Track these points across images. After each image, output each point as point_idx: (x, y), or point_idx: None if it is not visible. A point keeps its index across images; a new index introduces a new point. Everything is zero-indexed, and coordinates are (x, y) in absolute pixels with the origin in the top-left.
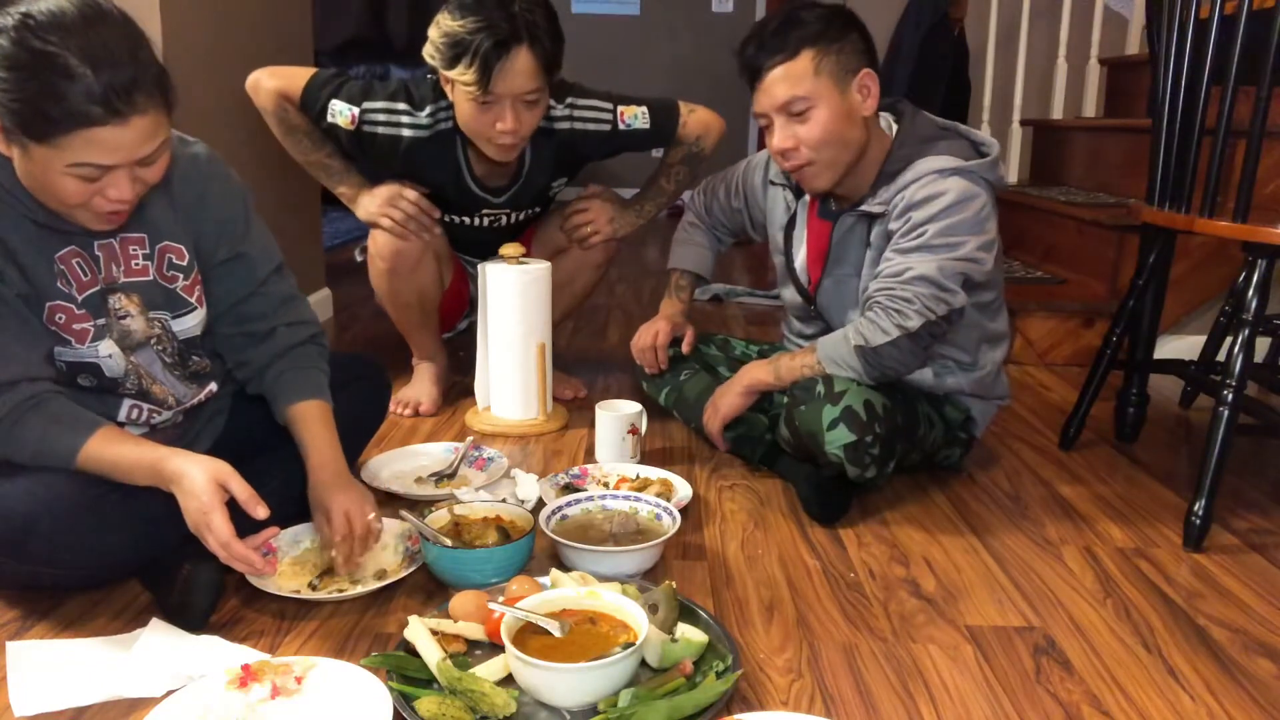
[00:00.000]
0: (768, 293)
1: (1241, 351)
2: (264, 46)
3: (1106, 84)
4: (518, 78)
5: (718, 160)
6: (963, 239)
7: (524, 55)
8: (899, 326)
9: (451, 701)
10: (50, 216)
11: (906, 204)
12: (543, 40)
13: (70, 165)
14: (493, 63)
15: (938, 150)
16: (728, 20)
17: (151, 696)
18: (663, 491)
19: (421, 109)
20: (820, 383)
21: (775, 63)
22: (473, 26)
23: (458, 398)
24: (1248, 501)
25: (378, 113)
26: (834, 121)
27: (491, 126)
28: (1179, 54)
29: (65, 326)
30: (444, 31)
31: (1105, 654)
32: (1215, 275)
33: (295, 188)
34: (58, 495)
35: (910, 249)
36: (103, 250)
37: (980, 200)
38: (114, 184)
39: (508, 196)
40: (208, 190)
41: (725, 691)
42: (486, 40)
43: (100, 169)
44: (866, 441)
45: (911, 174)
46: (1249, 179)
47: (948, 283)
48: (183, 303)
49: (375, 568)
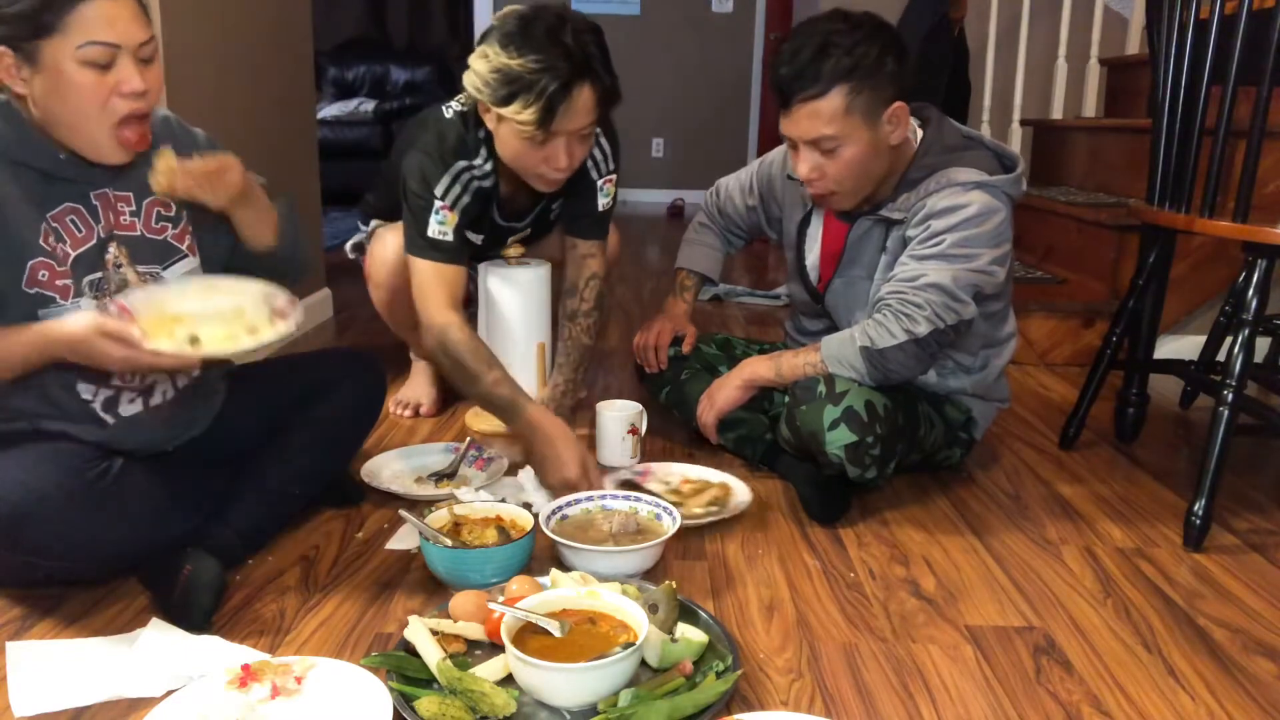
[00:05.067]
0: (768, 293)
1: (1241, 351)
2: (264, 46)
3: (1106, 84)
4: (578, 116)
5: (722, 164)
6: (979, 251)
7: (586, 93)
8: (907, 331)
9: (451, 701)
10: (56, 161)
11: (928, 212)
12: (602, 76)
13: (80, 47)
14: (557, 104)
15: (963, 161)
16: (728, 20)
17: (151, 696)
18: (720, 496)
19: (476, 154)
20: (821, 383)
21: (806, 97)
22: (534, 67)
23: (458, 398)
24: (1248, 501)
25: (452, 188)
26: (861, 157)
27: (543, 163)
28: (1179, 54)
29: (48, 284)
30: (496, 67)
31: (1105, 654)
32: (1215, 275)
33: (295, 188)
34: (51, 485)
35: (926, 256)
36: (99, 199)
37: (1000, 215)
38: (124, 76)
39: (530, 219)
40: (183, 144)
41: (725, 691)
42: (551, 83)
43: (108, 49)
44: (868, 442)
45: (935, 183)
46: (1249, 179)
47: (960, 293)
48: (174, 250)
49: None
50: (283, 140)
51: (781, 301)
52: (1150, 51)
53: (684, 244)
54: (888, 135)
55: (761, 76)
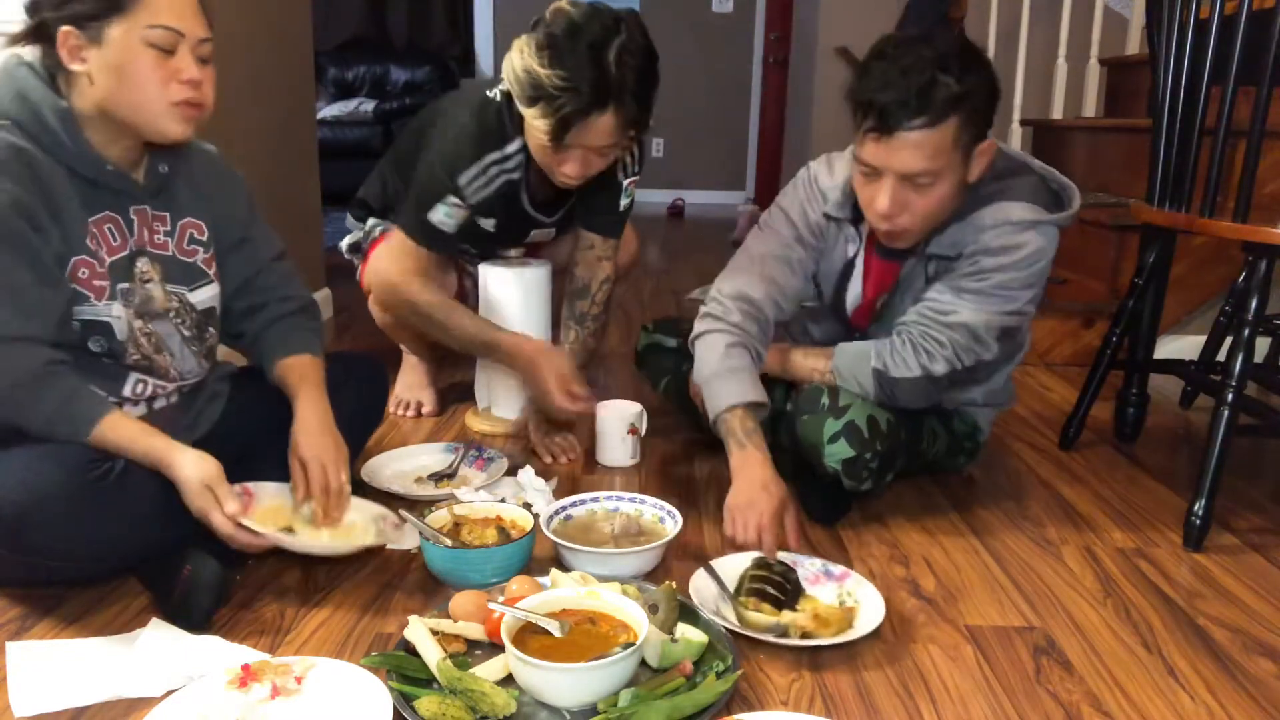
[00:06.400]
0: None
1: (1241, 351)
2: (264, 46)
3: (1106, 84)
4: (595, 136)
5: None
6: (1018, 293)
7: (606, 120)
8: (923, 368)
9: (451, 701)
10: (103, 172)
11: (980, 248)
12: (630, 104)
13: (149, 28)
14: (572, 125)
15: (1014, 192)
16: (728, 20)
17: (151, 696)
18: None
19: (511, 141)
20: (825, 393)
21: (915, 126)
22: (558, 83)
23: (458, 398)
24: (1248, 501)
25: (475, 181)
26: (950, 195)
27: (559, 166)
28: (1179, 54)
29: (86, 282)
30: (527, 68)
31: (1105, 654)
32: (1215, 275)
33: (295, 188)
34: (53, 485)
35: (965, 290)
36: (137, 215)
37: (1049, 257)
38: (183, 65)
39: (559, 215)
40: (222, 180)
41: (725, 691)
42: (569, 104)
43: (173, 35)
44: (866, 458)
45: (989, 218)
46: (1249, 179)
47: (986, 336)
48: (200, 274)
49: (351, 547)
50: (283, 140)
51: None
52: (1150, 51)
53: (710, 381)
54: (971, 171)
55: (762, 76)
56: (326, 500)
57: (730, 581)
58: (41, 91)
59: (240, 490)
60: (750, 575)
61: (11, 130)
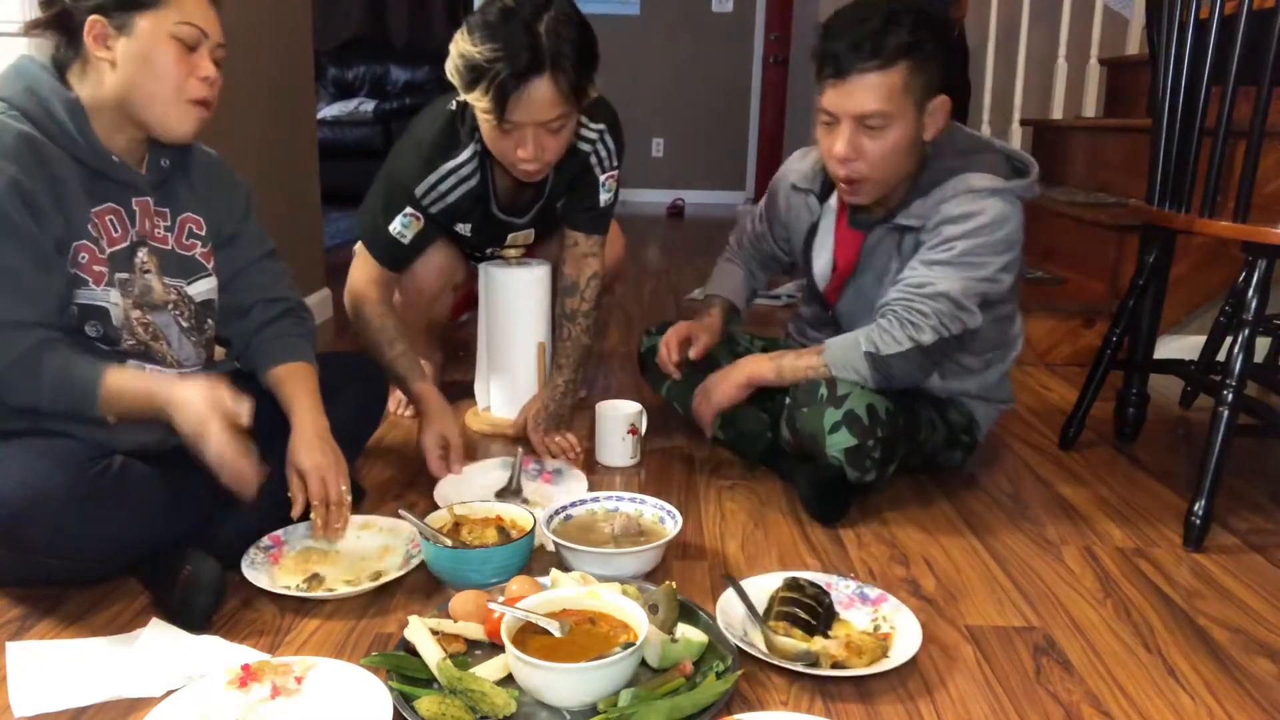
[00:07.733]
0: (769, 293)
1: (1241, 351)
2: (264, 46)
3: (1106, 84)
4: (536, 107)
5: (722, 164)
6: (988, 259)
7: (544, 85)
8: (912, 339)
9: (451, 701)
10: (109, 164)
11: (942, 218)
12: (567, 68)
13: (178, 24)
14: (509, 93)
15: (976, 165)
16: (728, 20)
17: (151, 696)
18: None
19: (465, 147)
20: (823, 385)
21: (867, 69)
22: (490, 55)
23: (458, 398)
24: (1248, 501)
25: (431, 192)
26: (902, 143)
27: (514, 152)
28: (1179, 54)
29: (86, 267)
30: (462, 52)
31: (1105, 654)
32: (1215, 275)
33: (295, 188)
34: (52, 483)
35: (936, 262)
36: (139, 206)
37: (1013, 223)
38: (202, 63)
39: (531, 215)
40: (222, 181)
41: (725, 691)
42: (504, 70)
43: (199, 33)
44: (868, 445)
45: (951, 189)
46: (1249, 179)
47: (967, 302)
48: (199, 267)
49: (372, 569)
50: (283, 140)
51: (781, 302)
52: (1150, 51)
53: (712, 276)
54: (923, 129)
55: (762, 76)
56: (326, 512)
57: (759, 603)
58: (51, 85)
59: (270, 542)
60: (780, 597)
61: (21, 120)
